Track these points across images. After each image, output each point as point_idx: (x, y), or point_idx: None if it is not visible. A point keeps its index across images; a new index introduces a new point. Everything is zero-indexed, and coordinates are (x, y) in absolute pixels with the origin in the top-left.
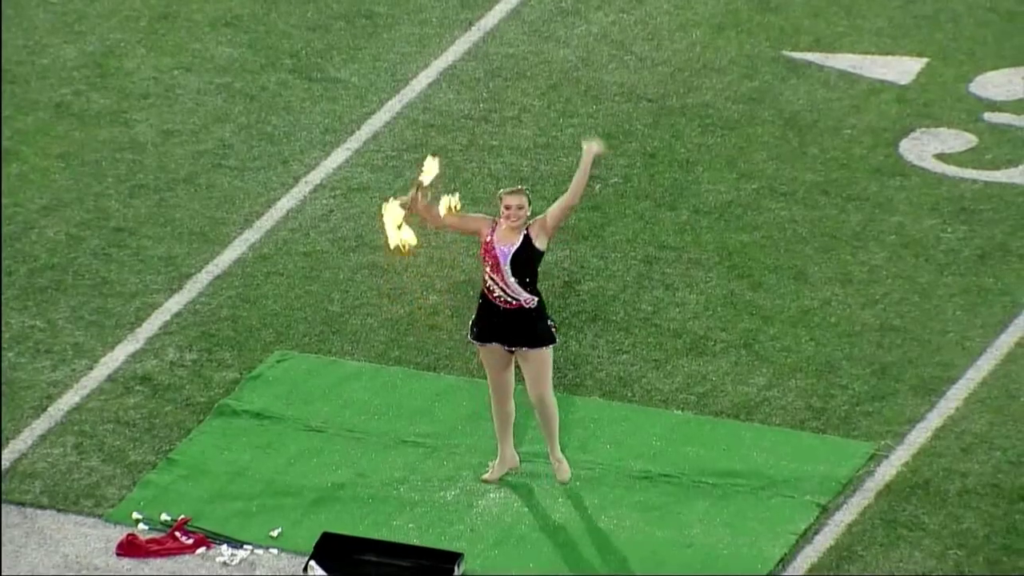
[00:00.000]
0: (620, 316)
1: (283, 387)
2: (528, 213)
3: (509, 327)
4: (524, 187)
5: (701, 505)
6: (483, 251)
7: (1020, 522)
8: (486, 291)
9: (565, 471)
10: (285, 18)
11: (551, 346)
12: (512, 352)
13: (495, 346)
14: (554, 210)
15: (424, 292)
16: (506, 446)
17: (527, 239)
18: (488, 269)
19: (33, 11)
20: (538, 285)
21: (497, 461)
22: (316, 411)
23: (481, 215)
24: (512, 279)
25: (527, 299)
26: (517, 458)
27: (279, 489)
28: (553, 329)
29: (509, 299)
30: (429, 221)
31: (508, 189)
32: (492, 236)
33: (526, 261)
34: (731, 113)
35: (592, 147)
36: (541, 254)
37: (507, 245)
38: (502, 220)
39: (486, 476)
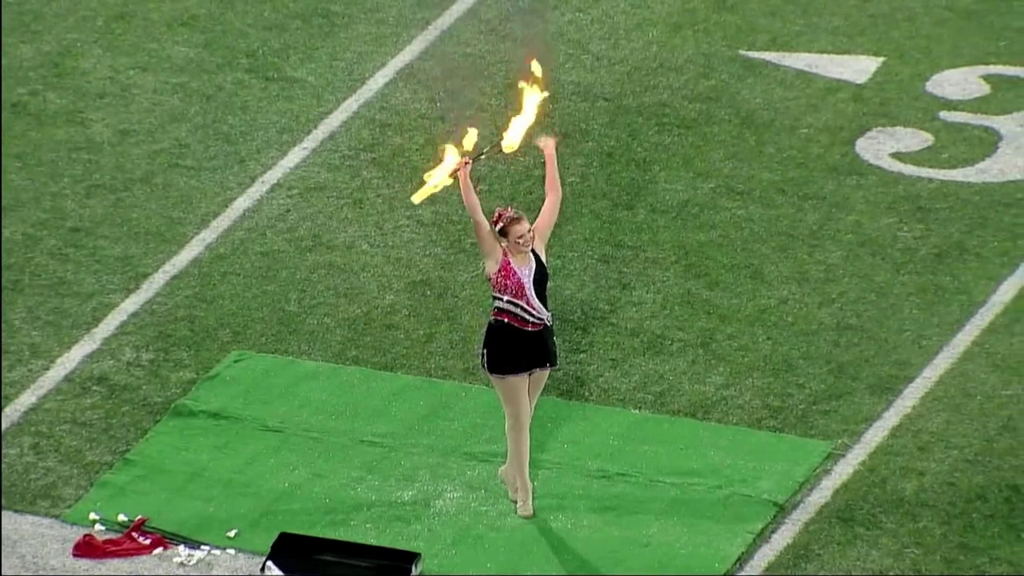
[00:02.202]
0: (577, 315)
1: (240, 387)
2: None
3: (540, 349)
4: (512, 206)
5: (659, 504)
6: (501, 278)
7: (977, 520)
8: (510, 319)
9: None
10: (242, 17)
11: None
12: (532, 375)
13: (523, 375)
14: (545, 217)
15: (381, 292)
16: (526, 476)
17: (536, 257)
18: (509, 296)
19: None
20: None
21: (523, 491)
22: (273, 411)
23: (495, 237)
24: (536, 300)
25: (548, 316)
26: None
27: (237, 489)
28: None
29: (536, 320)
30: (464, 195)
31: (509, 217)
32: (512, 263)
33: (543, 278)
34: (688, 112)
35: (550, 144)
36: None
37: (525, 268)
38: (512, 249)
39: (524, 513)
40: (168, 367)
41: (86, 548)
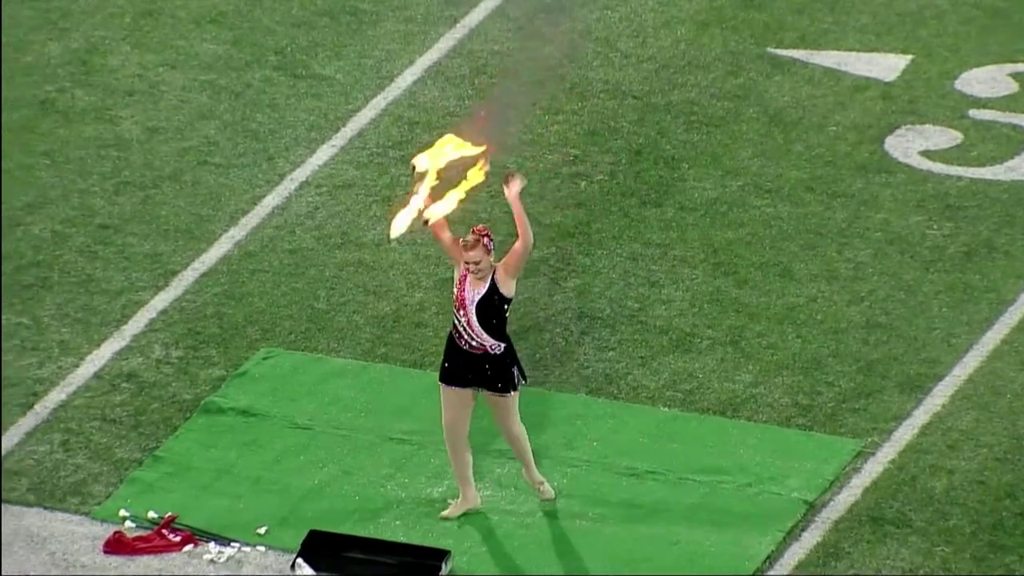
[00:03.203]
0: (606, 313)
1: (269, 384)
2: (491, 260)
3: (475, 370)
4: (483, 230)
5: (688, 502)
6: (456, 290)
7: (1007, 518)
8: (453, 332)
9: (548, 491)
10: (270, 15)
11: (515, 393)
12: (475, 393)
13: (457, 389)
14: (510, 258)
15: (410, 289)
16: (467, 487)
17: (493, 285)
18: (455, 308)
19: (17, 7)
20: (506, 330)
21: (460, 500)
22: (302, 408)
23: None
24: (477, 324)
25: (492, 345)
26: (478, 499)
27: (265, 487)
28: (517, 378)
29: (471, 342)
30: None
31: (464, 241)
32: (466, 280)
33: (492, 307)
34: (716, 110)
35: (513, 187)
36: (508, 300)
37: (475, 290)
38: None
39: (445, 513)
40: (197, 364)
41: (116, 545)
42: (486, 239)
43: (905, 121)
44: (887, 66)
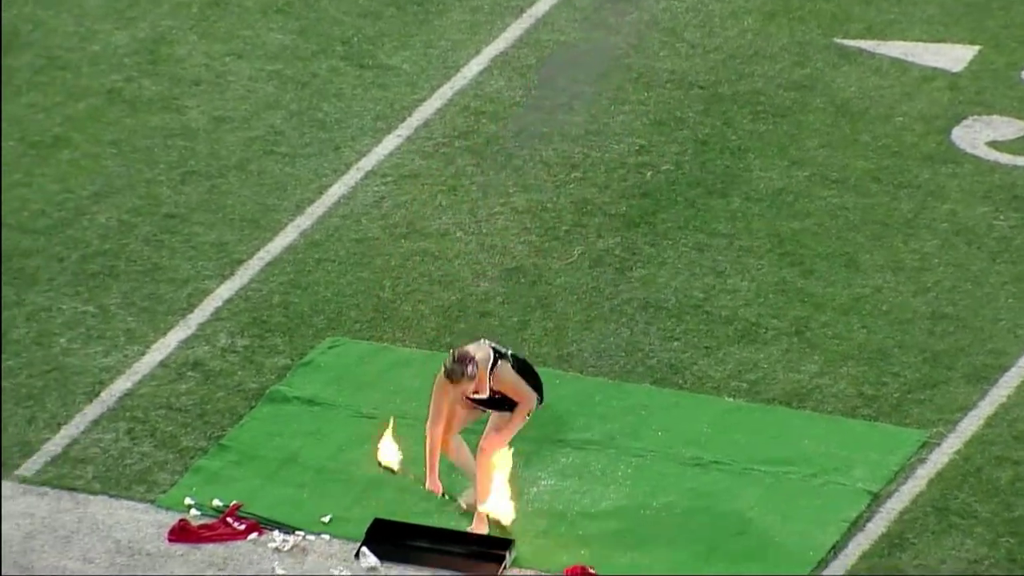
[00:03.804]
0: (671, 303)
1: (334, 373)
2: (475, 382)
3: None
4: (469, 359)
5: (752, 492)
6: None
7: None
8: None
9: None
10: (336, 5)
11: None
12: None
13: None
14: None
15: (475, 279)
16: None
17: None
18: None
19: None
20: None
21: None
22: (367, 398)
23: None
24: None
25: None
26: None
27: (329, 475)
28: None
29: (475, 397)
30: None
31: (447, 371)
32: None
33: (496, 402)
34: (782, 100)
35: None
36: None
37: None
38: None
39: (462, 499)
40: (263, 353)
41: (181, 533)
42: (470, 367)
43: (972, 112)
44: (954, 57)
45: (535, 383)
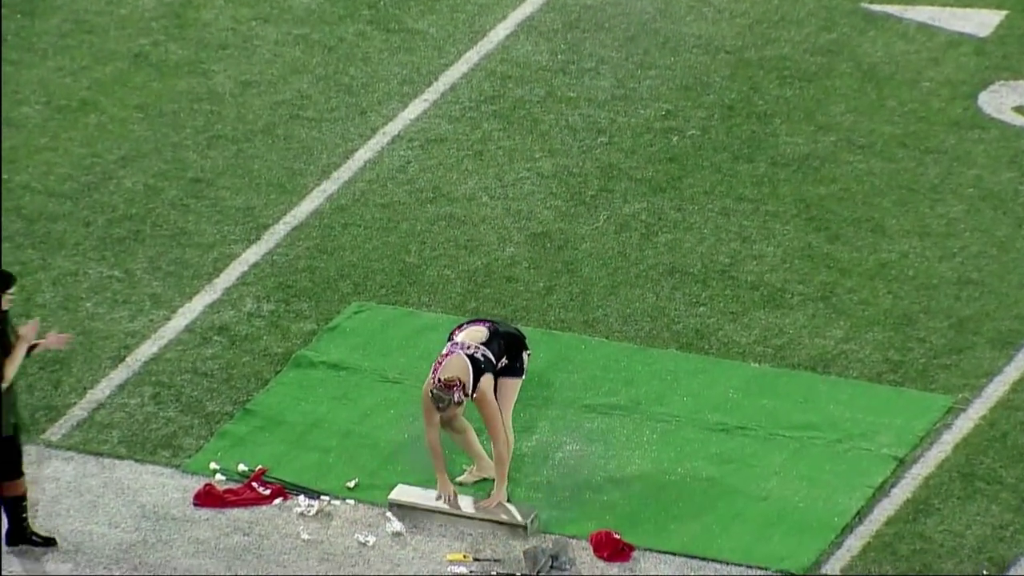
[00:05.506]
0: (697, 268)
1: (360, 338)
2: (459, 403)
3: None
4: (454, 386)
5: (778, 457)
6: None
7: None
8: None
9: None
10: None
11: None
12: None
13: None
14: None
15: (501, 244)
16: (480, 458)
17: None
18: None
19: None
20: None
21: (475, 467)
22: (393, 362)
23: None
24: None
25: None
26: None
27: (355, 440)
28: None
29: None
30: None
31: (435, 398)
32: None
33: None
34: (809, 65)
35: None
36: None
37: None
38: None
39: (461, 479)
40: (289, 318)
41: (206, 497)
42: (456, 394)
43: (999, 77)
44: (981, 22)
45: (518, 350)
